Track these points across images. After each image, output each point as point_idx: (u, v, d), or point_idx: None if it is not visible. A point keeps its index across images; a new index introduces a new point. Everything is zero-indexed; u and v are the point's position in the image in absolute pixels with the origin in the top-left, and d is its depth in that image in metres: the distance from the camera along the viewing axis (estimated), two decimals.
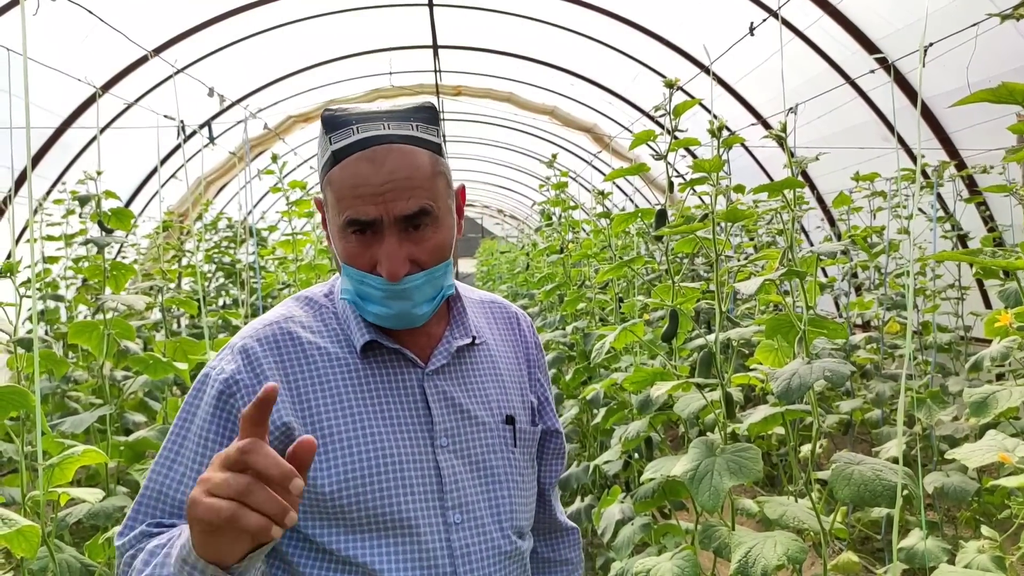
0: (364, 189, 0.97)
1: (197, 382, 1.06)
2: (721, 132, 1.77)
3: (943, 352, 4.13)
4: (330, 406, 1.02)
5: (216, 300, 5.93)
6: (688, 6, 5.64)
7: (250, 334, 1.06)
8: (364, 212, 0.97)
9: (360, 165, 0.98)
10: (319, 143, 1.04)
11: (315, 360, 1.05)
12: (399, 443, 1.03)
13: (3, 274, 1.94)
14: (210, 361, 1.07)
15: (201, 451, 1.00)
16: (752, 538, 1.50)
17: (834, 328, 1.57)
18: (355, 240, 1.00)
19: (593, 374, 3.57)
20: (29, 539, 1.22)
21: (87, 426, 2.56)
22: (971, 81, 3.76)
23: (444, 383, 1.09)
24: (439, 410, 1.07)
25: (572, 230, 4.31)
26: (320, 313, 1.11)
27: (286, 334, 1.06)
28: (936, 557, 2.34)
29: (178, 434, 1.03)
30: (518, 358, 1.21)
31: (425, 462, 1.04)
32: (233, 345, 1.06)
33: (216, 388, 1.01)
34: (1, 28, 3.92)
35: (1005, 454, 1.15)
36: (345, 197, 0.98)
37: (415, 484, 1.02)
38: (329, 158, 1.00)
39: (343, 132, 0.99)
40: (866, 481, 1.35)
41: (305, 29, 6.12)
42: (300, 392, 1.02)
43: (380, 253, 0.99)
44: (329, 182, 1.00)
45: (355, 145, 0.98)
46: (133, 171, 6.74)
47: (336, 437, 1.00)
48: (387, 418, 1.04)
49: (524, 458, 1.14)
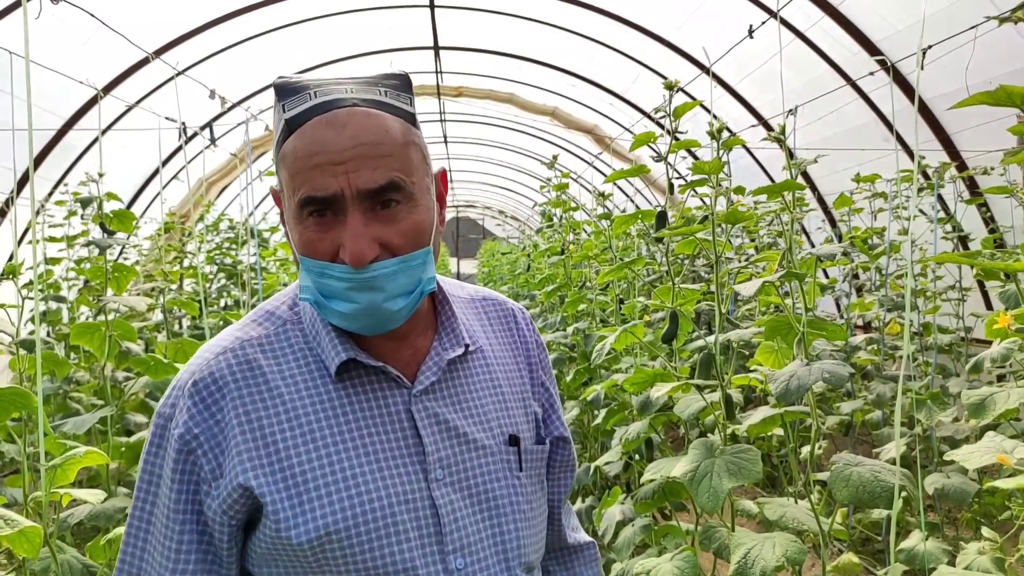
0: (321, 158, 0.82)
1: (154, 433, 0.90)
2: (721, 134, 1.78)
3: (944, 353, 4.13)
4: (302, 447, 0.87)
5: (218, 301, 5.94)
6: (689, 7, 5.64)
7: (201, 367, 0.89)
8: (322, 186, 0.82)
9: (317, 130, 0.83)
10: (273, 118, 0.88)
11: (281, 392, 0.88)
12: (387, 482, 0.88)
13: (6, 276, 1.95)
14: (161, 403, 0.91)
15: (171, 525, 0.87)
16: (751, 539, 1.51)
17: (833, 329, 1.57)
18: (313, 224, 0.84)
19: (594, 375, 3.57)
20: (31, 540, 1.23)
21: (89, 427, 2.57)
22: (973, 83, 3.76)
23: (435, 404, 0.93)
24: (431, 437, 0.91)
25: (573, 231, 4.32)
26: (284, 331, 0.93)
27: (244, 363, 0.89)
28: (936, 558, 2.34)
29: (144, 500, 0.90)
30: (518, 362, 1.06)
31: (419, 501, 0.89)
32: (182, 384, 0.89)
33: (175, 447, 0.87)
34: (3, 30, 3.93)
35: (1003, 455, 1.15)
36: (300, 171, 0.83)
37: (409, 529, 0.88)
38: (283, 129, 0.85)
39: (299, 98, 0.85)
40: (864, 482, 1.35)
41: (306, 30, 6.14)
42: (266, 435, 0.87)
43: (343, 236, 0.83)
44: (283, 158, 0.85)
45: (312, 111, 0.84)
46: (134, 172, 6.76)
47: (312, 484, 0.86)
48: (371, 453, 0.88)
49: (531, 482, 1.00)
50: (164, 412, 0.90)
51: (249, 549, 0.90)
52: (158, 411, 0.90)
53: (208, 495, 0.86)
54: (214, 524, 0.87)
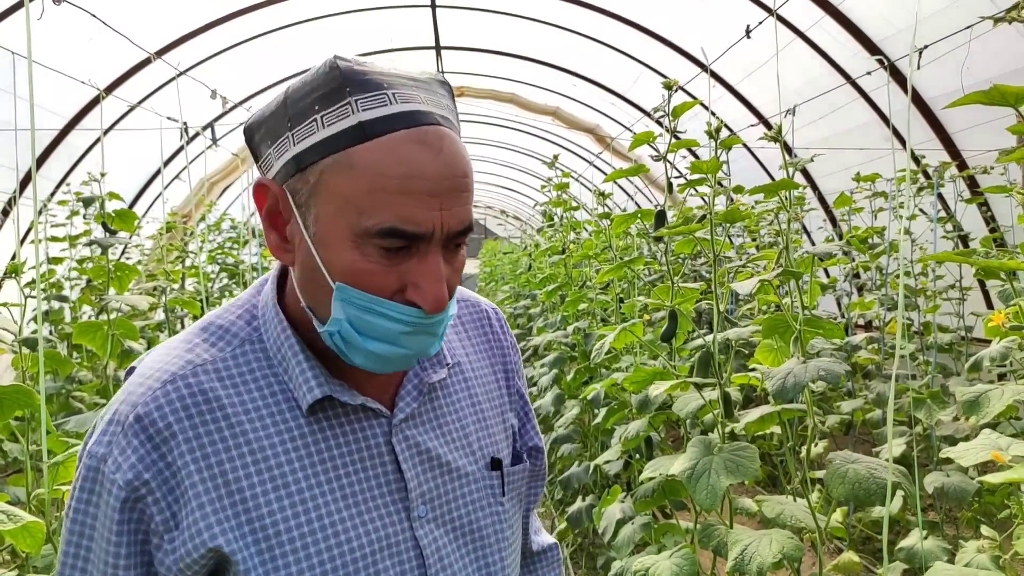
0: (417, 185, 0.69)
1: (84, 477, 0.76)
2: (719, 133, 1.78)
3: (944, 352, 4.14)
4: (272, 495, 0.75)
5: (219, 301, 5.96)
6: (689, 7, 5.65)
7: (145, 398, 0.75)
8: (414, 219, 0.69)
9: (410, 150, 0.69)
10: (305, 99, 0.72)
11: (246, 431, 0.76)
12: (367, 527, 0.79)
13: (8, 275, 1.96)
14: (92, 440, 0.76)
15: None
16: (748, 536, 1.52)
17: (830, 328, 1.58)
18: (376, 255, 0.71)
19: (594, 374, 3.58)
20: (34, 535, 1.24)
21: (91, 425, 2.58)
22: (974, 82, 3.77)
23: (416, 432, 0.84)
24: (413, 471, 0.82)
25: (574, 230, 4.33)
26: (242, 352, 0.80)
27: (198, 395, 0.76)
28: (935, 557, 2.35)
29: (75, 556, 0.76)
30: (495, 371, 0.97)
31: (402, 544, 0.81)
32: (122, 418, 0.75)
33: (117, 496, 0.73)
34: (6, 31, 3.95)
35: (998, 452, 1.16)
36: (382, 191, 0.69)
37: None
38: (348, 131, 0.70)
39: (376, 98, 0.70)
40: (860, 479, 1.36)
41: (307, 30, 6.15)
42: (229, 482, 0.74)
43: (417, 275, 0.72)
44: (352, 166, 0.69)
45: (397, 120, 0.70)
46: (136, 172, 6.78)
47: (287, 538, 0.75)
48: (349, 495, 0.78)
49: (512, 505, 0.93)
50: (96, 452, 0.75)
51: None
52: (89, 450, 0.76)
53: (160, 549, 0.74)
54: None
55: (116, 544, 0.74)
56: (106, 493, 0.74)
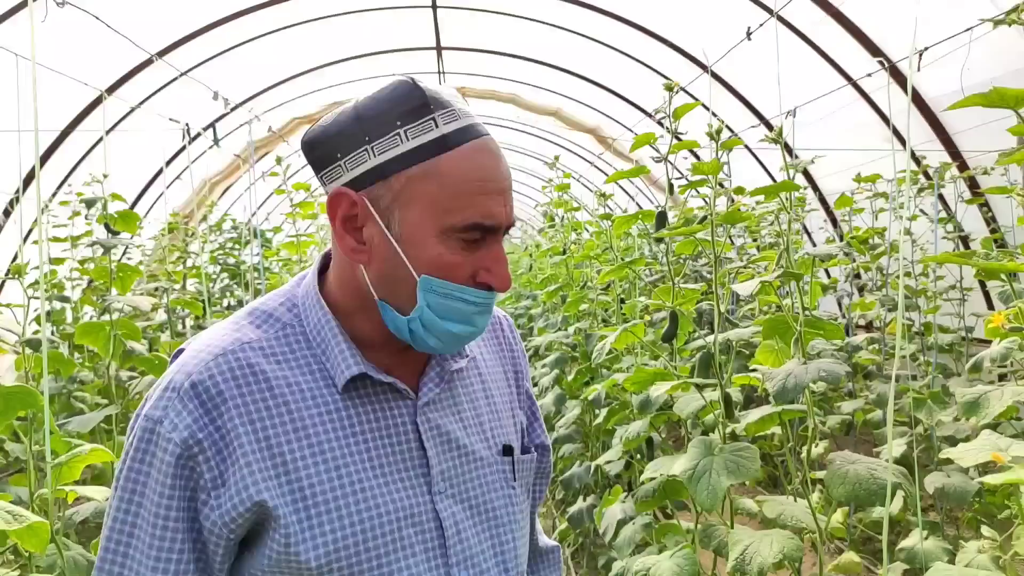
0: (491, 185, 0.83)
1: (140, 437, 0.83)
2: (719, 134, 1.79)
3: (945, 353, 4.14)
4: (309, 460, 0.84)
5: (220, 301, 5.97)
6: (691, 8, 5.65)
7: (199, 368, 0.84)
8: (491, 214, 0.83)
9: (483, 157, 0.83)
10: (385, 116, 0.82)
11: (287, 401, 0.85)
12: (394, 497, 0.86)
13: (12, 276, 1.97)
14: (147, 407, 0.84)
15: (160, 535, 0.81)
16: (749, 536, 1.52)
17: (830, 329, 1.58)
18: (459, 247, 0.83)
19: (595, 374, 3.58)
20: (39, 535, 1.25)
21: (93, 426, 2.59)
22: (976, 82, 3.77)
23: (437, 415, 0.92)
24: (435, 449, 0.90)
25: (575, 231, 4.33)
26: (285, 335, 0.89)
27: (247, 367, 0.84)
28: (936, 557, 2.36)
29: (126, 510, 0.83)
30: (505, 371, 1.06)
31: (424, 515, 0.88)
32: (177, 385, 0.83)
33: (172, 452, 0.81)
34: (8, 32, 3.96)
35: (998, 453, 1.16)
36: (466, 194, 0.81)
37: (415, 543, 0.87)
38: (433, 142, 0.81)
39: (450, 112, 0.83)
40: (861, 480, 1.36)
41: (309, 31, 6.15)
42: (274, 447, 0.83)
43: (487, 261, 0.85)
44: (439, 174, 0.81)
45: (468, 132, 0.83)
46: (138, 172, 6.78)
47: (322, 499, 0.83)
48: (377, 467, 0.87)
49: (522, 491, 1.00)
50: (153, 415, 0.83)
51: (246, 566, 0.85)
52: (145, 413, 0.84)
53: (206, 504, 0.81)
54: (210, 535, 0.82)
55: (168, 498, 0.81)
56: (161, 451, 0.81)
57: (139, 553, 0.82)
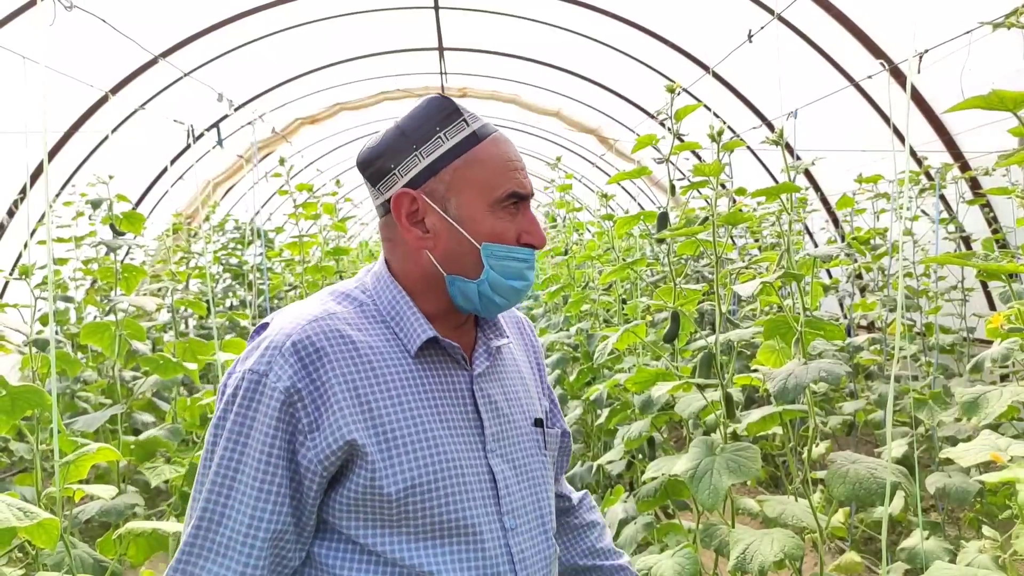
0: (516, 163, 1.03)
1: (242, 388, 0.96)
2: (721, 136, 1.80)
3: (946, 354, 4.14)
4: (391, 409, 0.98)
5: (223, 301, 5.98)
6: (692, 9, 5.66)
7: (297, 330, 0.98)
8: (523, 185, 1.03)
9: (504, 143, 1.04)
10: (425, 126, 1.02)
11: (371, 360, 1.00)
12: (459, 448, 1.01)
13: (20, 277, 1.98)
14: (249, 363, 0.98)
15: (264, 469, 0.94)
16: (750, 536, 1.53)
17: (831, 329, 1.59)
18: (506, 215, 1.02)
19: (597, 375, 3.59)
20: (49, 532, 1.26)
21: (99, 425, 2.60)
22: (977, 83, 3.77)
23: (489, 386, 1.08)
24: (488, 415, 1.06)
25: (576, 231, 4.34)
26: (363, 311, 1.05)
27: (334, 332, 0.99)
28: (937, 557, 2.36)
29: (233, 451, 0.95)
30: (529, 361, 1.22)
31: (480, 467, 1.03)
32: (278, 344, 0.97)
33: (277, 399, 0.94)
34: (13, 33, 3.97)
35: (997, 453, 1.17)
36: (503, 172, 1.02)
37: (475, 489, 1.01)
38: (467, 138, 1.02)
39: (471, 116, 1.04)
40: (860, 479, 1.37)
41: (312, 32, 6.17)
42: (362, 397, 0.97)
43: (525, 224, 1.04)
44: (476, 161, 1.02)
45: (489, 127, 1.04)
46: (142, 172, 6.80)
47: (401, 442, 0.97)
48: (445, 422, 1.01)
49: (550, 460, 1.16)
50: (259, 369, 0.96)
51: (334, 501, 0.98)
52: (251, 367, 0.97)
53: (303, 445, 0.95)
54: (307, 472, 0.95)
55: (272, 438, 0.94)
56: (267, 399, 0.95)
57: (244, 487, 0.94)
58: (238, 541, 0.94)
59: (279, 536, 0.95)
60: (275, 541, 0.95)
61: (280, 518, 0.94)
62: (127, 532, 1.79)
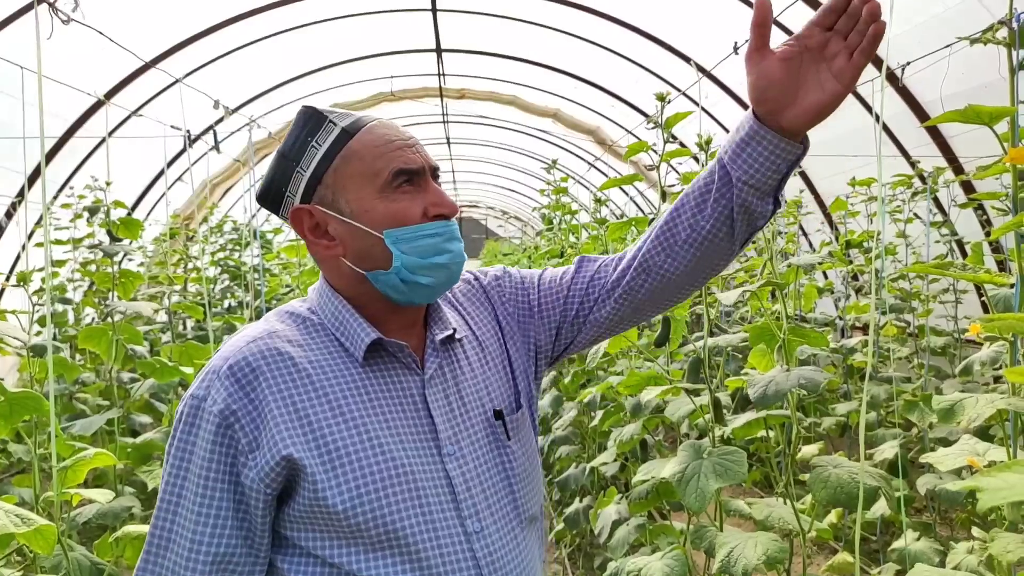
0: (399, 141, 1.00)
1: (185, 414, 0.98)
2: (709, 145, 1.82)
3: (938, 355, 4.17)
4: (332, 421, 0.97)
5: (221, 302, 6.00)
6: (689, 12, 5.68)
7: (234, 353, 0.99)
8: (410, 160, 0.99)
9: (381, 128, 1.01)
10: (298, 141, 1.01)
11: (311, 375, 0.99)
12: (409, 455, 0.99)
13: (18, 283, 2.01)
14: (192, 388, 0.99)
15: (203, 493, 0.95)
16: (735, 539, 1.56)
17: (814, 336, 1.62)
18: (401, 195, 0.99)
19: (592, 377, 3.62)
20: (46, 537, 1.28)
21: (96, 428, 2.62)
22: (971, 86, 3.81)
23: (442, 387, 1.06)
24: (441, 417, 1.04)
25: (573, 234, 4.37)
26: (306, 327, 1.04)
27: (273, 351, 0.99)
28: (927, 558, 2.39)
29: (176, 475, 0.97)
30: (492, 328, 1.17)
31: (435, 472, 1.01)
32: (216, 369, 0.98)
33: (213, 422, 0.95)
34: (11, 39, 3.99)
35: (974, 458, 1.20)
36: (382, 154, 0.99)
37: (431, 496, 0.99)
38: (339, 137, 1.00)
39: (338, 114, 1.02)
40: (842, 483, 1.40)
41: (309, 34, 6.18)
42: (301, 412, 0.97)
43: (429, 198, 1.01)
44: (351, 154, 0.99)
45: (364, 119, 1.02)
46: (138, 176, 6.82)
47: (344, 453, 0.96)
48: (393, 429, 1.00)
49: (520, 446, 1.12)
50: (198, 394, 0.97)
51: (286, 516, 0.99)
52: (191, 393, 0.98)
53: (245, 466, 0.95)
54: (251, 492, 0.95)
55: (210, 460, 0.95)
56: (204, 422, 0.96)
57: (185, 509, 0.96)
58: (181, 565, 0.95)
59: (224, 559, 0.96)
60: (221, 564, 0.95)
61: (223, 540, 0.95)
62: (124, 535, 1.82)
